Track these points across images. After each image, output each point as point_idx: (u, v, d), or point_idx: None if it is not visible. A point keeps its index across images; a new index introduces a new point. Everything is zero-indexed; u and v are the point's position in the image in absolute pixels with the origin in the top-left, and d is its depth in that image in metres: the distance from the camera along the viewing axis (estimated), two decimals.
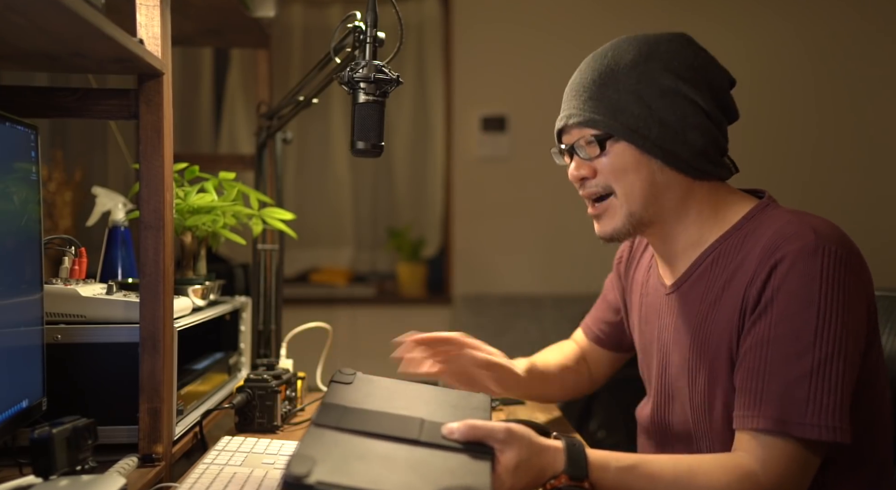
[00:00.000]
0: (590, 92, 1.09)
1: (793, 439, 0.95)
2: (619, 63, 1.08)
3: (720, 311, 1.05)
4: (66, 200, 2.46)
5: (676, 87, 1.06)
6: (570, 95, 1.12)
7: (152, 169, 1.07)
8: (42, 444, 0.87)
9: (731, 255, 1.07)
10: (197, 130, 3.41)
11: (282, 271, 1.73)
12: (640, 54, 1.08)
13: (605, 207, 1.11)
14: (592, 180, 1.11)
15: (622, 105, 1.07)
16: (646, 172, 1.07)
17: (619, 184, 1.09)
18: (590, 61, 1.12)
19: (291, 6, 3.39)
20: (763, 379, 0.97)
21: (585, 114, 1.09)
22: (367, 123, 1.13)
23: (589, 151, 1.09)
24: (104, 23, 0.86)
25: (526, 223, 3.39)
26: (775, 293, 0.98)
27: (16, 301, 0.96)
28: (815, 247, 0.97)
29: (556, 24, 3.37)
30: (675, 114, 1.06)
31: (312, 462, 0.80)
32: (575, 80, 1.13)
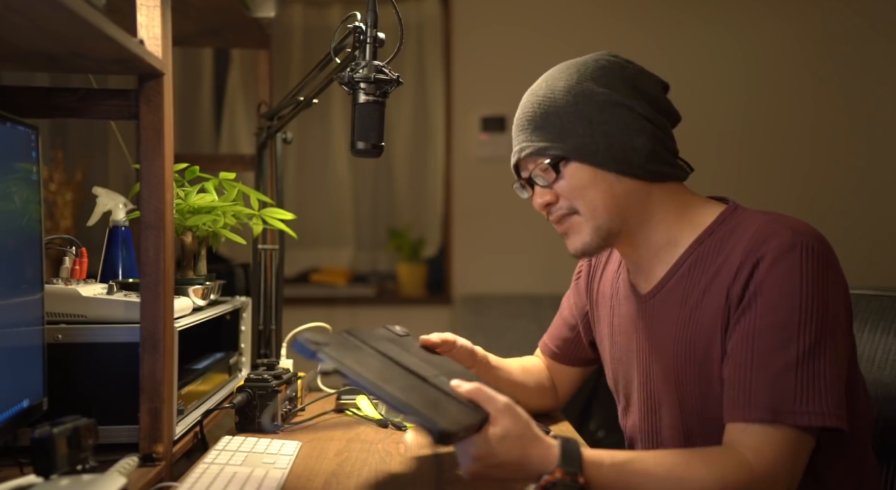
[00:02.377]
0: (534, 123, 1.13)
1: (785, 427, 0.96)
2: (555, 90, 1.12)
3: (704, 313, 1.07)
4: (67, 200, 2.47)
5: (612, 99, 1.10)
6: (517, 131, 1.16)
7: (153, 169, 1.07)
8: (43, 443, 0.88)
9: (709, 258, 1.09)
10: (197, 130, 3.41)
11: (282, 271, 1.73)
12: (571, 78, 1.12)
13: (570, 224, 1.14)
14: (556, 204, 1.14)
15: (566, 128, 1.10)
16: (603, 185, 1.10)
17: (581, 201, 1.11)
18: (528, 97, 1.16)
19: (291, 6, 3.39)
20: (751, 371, 0.99)
21: (534, 144, 1.12)
22: (367, 123, 1.13)
23: (546, 178, 1.13)
24: (104, 23, 0.86)
25: (526, 223, 3.39)
26: (758, 288, 1.01)
27: (16, 301, 0.96)
28: (793, 243, 1.01)
29: (556, 24, 3.37)
30: (616, 124, 1.09)
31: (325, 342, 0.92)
32: (518, 116, 1.16)
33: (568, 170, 1.11)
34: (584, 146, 1.09)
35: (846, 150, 3.42)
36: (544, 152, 1.11)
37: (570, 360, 1.40)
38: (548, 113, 1.12)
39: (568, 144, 1.10)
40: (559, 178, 1.11)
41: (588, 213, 1.11)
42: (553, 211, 1.15)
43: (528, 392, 1.38)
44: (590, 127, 1.09)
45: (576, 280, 1.39)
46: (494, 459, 0.92)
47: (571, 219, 1.13)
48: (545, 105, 1.12)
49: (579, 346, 1.38)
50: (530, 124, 1.13)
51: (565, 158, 1.10)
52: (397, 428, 1.35)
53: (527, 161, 1.15)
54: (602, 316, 1.29)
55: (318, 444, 1.26)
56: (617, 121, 1.09)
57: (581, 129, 1.09)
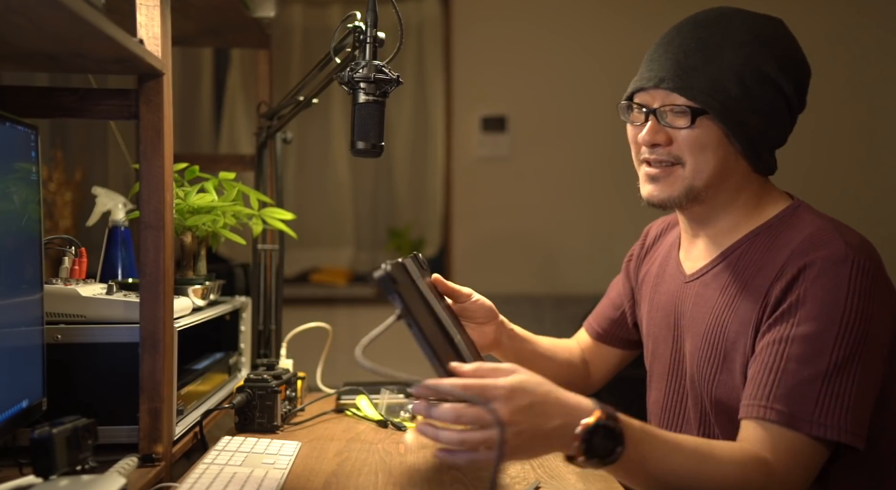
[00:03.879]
0: (691, 59, 1.05)
1: (800, 434, 0.96)
2: (728, 38, 1.05)
3: (740, 307, 1.06)
4: (67, 200, 2.47)
5: (777, 78, 1.05)
6: (664, 55, 1.08)
7: (152, 169, 1.07)
8: (42, 444, 0.87)
9: (758, 252, 1.08)
10: (197, 130, 3.41)
11: (282, 271, 1.73)
12: (749, 34, 1.05)
13: (668, 173, 1.09)
14: (663, 148, 1.08)
15: (723, 83, 1.04)
16: (722, 153, 1.06)
17: (694, 158, 1.06)
18: (693, 27, 1.08)
19: (291, 6, 3.39)
20: (776, 374, 0.97)
21: (683, 81, 1.05)
22: (367, 123, 1.13)
23: (674, 120, 1.06)
24: (104, 23, 0.86)
25: (526, 223, 3.39)
26: (802, 296, 0.98)
27: (16, 301, 0.96)
28: (845, 256, 0.98)
29: (557, 23, 3.37)
30: (768, 106, 1.05)
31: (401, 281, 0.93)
32: (673, 41, 1.08)
33: (703, 124, 1.05)
34: (732, 111, 1.04)
35: (847, 149, 3.42)
36: (690, 94, 1.04)
37: (613, 340, 1.40)
38: (711, 58, 1.04)
39: (717, 101, 1.03)
40: (689, 128, 1.05)
41: (693, 171, 1.07)
42: (657, 151, 1.08)
43: (556, 365, 1.37)
44: (745, 95, 1.04)
45: (627, 263, 1.39)
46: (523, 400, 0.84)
47: (672, 169, 1.08)
48: (711, 47, 1.05)
49: (623, 326, 1.38)
50: (686, 57, 1.05)
51: (708, 113, 1.04)
52: (397, 428, 1.35)
53: (659, 91, 1.07)
54: (645, 294, 1.30)
55: (318, 444, 1.26)
56: (770, 103, 1.05)
57: (735, 93, 1.03)
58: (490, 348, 1.31)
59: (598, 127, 3.21)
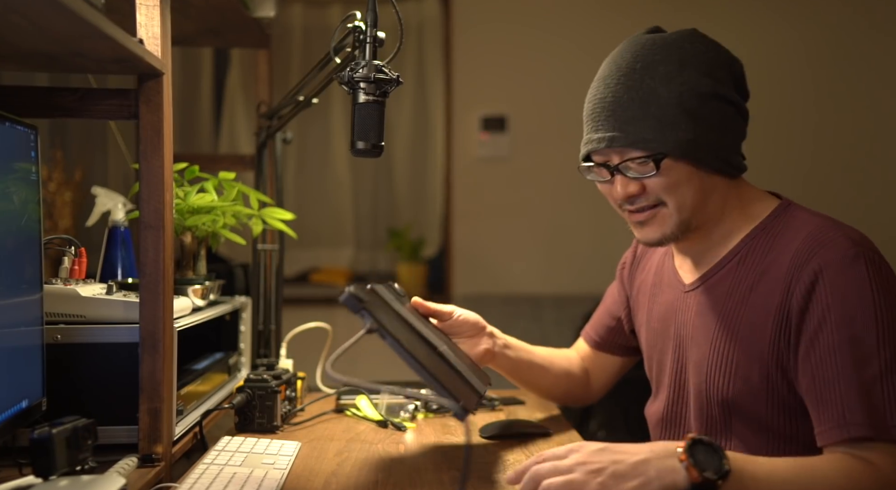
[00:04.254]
0: (630, 111, 1.05)
1: (887, 443, 0.94)
2: (654, 77, 1.04)
3: (749, 312, 1.06)
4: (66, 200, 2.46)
5: (714, 91, 1.05)
6: (603, 114, 1.08)
7: (152, 169, 1.07)
8: (42, 444, 0.87)
9: (759, 254, 1.08)
10: (197, 130, 3.41)
11: (282, 271, 1.73)
12: (671, 63, 1.05)
13: (654, 214, 1.09)
14: (640, 197, 1.08)
15: (669, 121, 1.04)
16: (697, 182, 1.07)
17: (672, 197, 1.07)
18: (617, 76, 1.07)
19: (291, 6, 3.39)
20: (838, 388, 0.96)
21: (632, 135, 1.05)
22: (367, 123, 1.13)
23: (639, 171, 1.06)
24: (104, 23, 0.86)
25: (526, 223, 3.39)
26: (828, 302, 0.98)
27: (16, 301, 0.96)
28: (856, 254, 0.99)
29: (556, 23, 3.36)
30: (717, 119, 1.05)
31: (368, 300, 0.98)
32: (605, 97, 1.08)
33: (668, 165, 1.05)
34: (688, 144, 1.04)
35: (848, 149, 3.41)
36: (645, 146, 1.04)
37: (611, 348, 1.40)
38: (647, 102, 1.04)
39: (671, 141, 1.03)
40: (656, 175, 1.05)
41: (676, 207, 1.07)
42: (636, 202, 1.09)
43: (553, 376, 1.38)
44: (693, 122, 1.03)
45: (620, 270, 1.39)
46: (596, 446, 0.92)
47: (656, 210, 1.09)
48: (644, 92, 1.04)
49: (621, 333, 1.38)
50: (625, 111, 1.05)
51: (668, 155, 1.04)
52: (397, 428, 1.35)
53: (614, 151, 1.07)
54: (641, 303, 1.30)
55: (318, 444, 1.26)
56: (718, 115, 1.05)
57: (684, 125, 1.03)
58: (485, 360, 1.31)
59: None
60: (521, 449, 1.24)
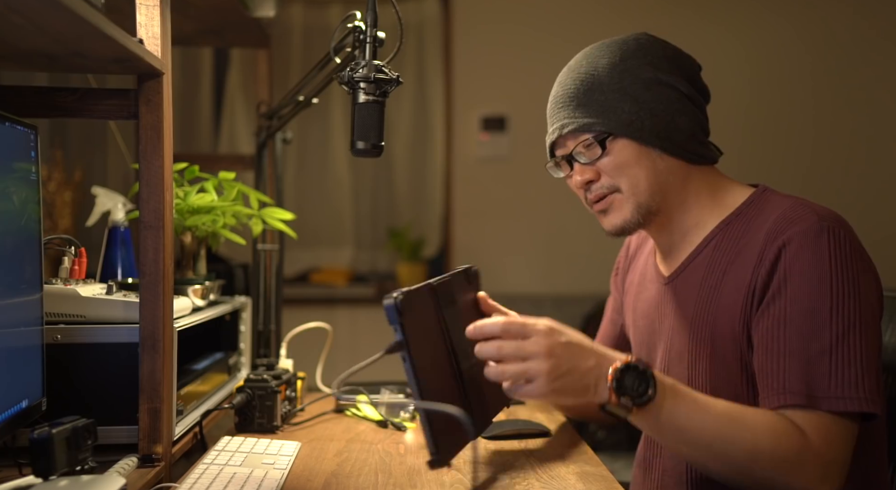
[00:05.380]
0: (577, 100, 1.12)
1: (822, 413, 0.96)
2: (597, 67, 1.12)
3: (723, 295, 1.07)
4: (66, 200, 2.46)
5: (657, 77, 1.10)
6: (556, 108, 1.15)
7: (152, 169, 1.07)
8: (42, 444, 0.87)
9: (734, 239, 1.10)
10: (197, 130, 3.40)
11: (282, 271, 1.73)
12: (614, 55, 1.12)
13: (611, 201, 1.13)
14: (597, 183, 1.13)
15: (611, 104, 1.10)
16: (647, 163, 1.10)
17: (624, 178, 1.11)
18: (567, 74, 1.15)
19: (291, 6, 3.39)
20: (784, 358, 0.98)
21: (578, 120, 1.11)
22: (367, 123, 1.13)
23: (589, 155, 1.12)
24: (104, 23, 0.86)
25: (526, 223, 3.39)
26: (787, 273, 1.00)
27: (15, 301, 0.96)
28: (820, 227, 1.00)
29: (557, 24, 3.36)
30: (661, 102, 1.10)
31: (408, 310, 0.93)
32: (557, 93, 1.16)
33: (614, 146, 1.10)
34: (631, 123, 1.09)
35: (847, 149, 3.41)
36: (589, 128, 1.11)
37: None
38: (591, 89, 1.11)
39: (613, 121, 1.09)
40: (604, 155, 1.11)
41: (630, 190, 1.11)
42: (593, 189, 1.14)
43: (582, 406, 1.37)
44: (635, 104, 1.09)
45: (614, 277, 1.41)
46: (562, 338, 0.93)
47: (612, 196, 1.13)
48: (588, 81, 1.12)
49: (627, 342, 1.38)
50: (572, 101, 1.12)
51: (611, 134, 1.10)
52: (397, 428, 1.35)
53: (567, 138, 1.14)
54: (628, 303, 1.31)
55: (318, 444, 1.26)
56: (661, 99, 1.10)
57: (627, 106, 1.09)
58: None
59: None
60: (522, 449, 1.24)
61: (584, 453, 1.22)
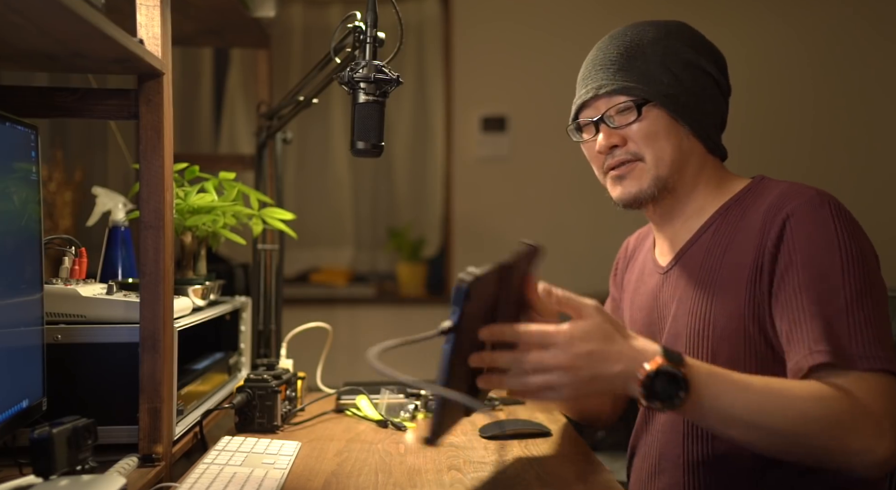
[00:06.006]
0: (618, 64, 1.13)
1: (861, 371, 0.94)
2: (643, 39, 1.14)
3: (724, 275, 1.08)
4: (67, 200, 2.46)
5: (696, 60, 1.13)
6: (594, 70, 1.16)
7: (152, 169, 1.07)
8: (42, 444, 0.87)
9: (732, 222, 1.11)
10: (197, 130, 3.41)
11: (282, 271, 1.73)
12: (659, 32, 1.15)
13: (631, 169, 1.13)
14: (620, 148, 1.13)
15: (652, 74, 1.12)
16: (675, 138, 1.12)
17: (651, 149, 1.12)
18: (609, 41, 1.17)
19: (291, 6, 3.39)
20: (805, 323, 0.98)
21: (618, 82, 1.12)
22: (367, 123, 1.13)
23: (621, 119, 1.12)
24: (104, 23, 0.86)
25: (526, 223, 3.39)
26: (794, 244, 1.01)
27: (16, 301, 0.96)
28: (821, 199, 1.03)
29: (556, 24, 3.37)
30: (696, 84, 1.12)
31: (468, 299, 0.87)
32: (597, 57, 1.17)
33: (649, 113, 1.11)
34: (668, 95, 1.11)
35: (847, 149, 3.42)
36: (629, 91, 1.11)
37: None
38: (634, 57, 1.13)
39: (654, 89, 1.11)
40: (637, 120, 1.11)
41: (654, 160, 1.12)
42: (616, 154, 1.13)
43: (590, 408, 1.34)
44: (675, 79, 1.11)
45: (612, 277, 1.40)
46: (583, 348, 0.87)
47: (634, 164, 1.13)
48: (632, 49, 1.13)
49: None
50: (613, 64, 1.14)
51: (648, 101, 1.11)
52: (397, 428, 1.35)
53: (601, 99, 1.14)
54: (626, 300, 1.31)
55: (318, 444, 1.26)
56: (698, 82, 1.12)
57: (666, 79, 1.11)
58: None
59: None
60: (522, 449, 1.24)
61: (584, 453, 1.22)
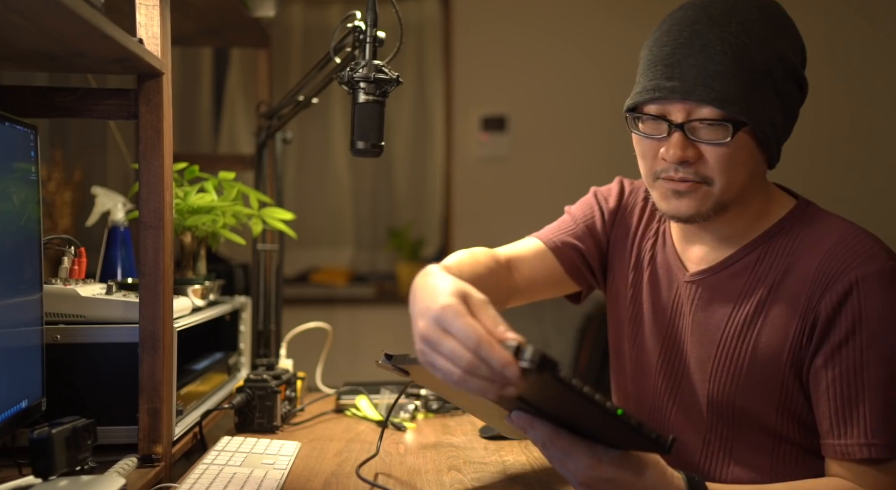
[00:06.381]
0: (720, 65, 0.92)
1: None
2: (751, 34, 0.93)
3: (770, 318, 1.00)
4: (66, 200, 2.46)
5: (796, 72, 0.97)
6: (686, 61, 0.94)
7: (152, 169, 1.07)
8: (41, 444, 0.88)
9: (780, 255, 1.02)
10: (197, 130, 3.41)
11: (282, 271, 1.73)
12: (767, 26, 0.94)
13: (694, 189, 0.98)
14: (690, 166, 0.96)
15: (756, 89, 0.93)
16: (751, 165, 0.98)
17: (726, 176, 0.96)
18: (708, 23, 0.94)
19: (291, 6, 3.39)
20: (863, 405, 0.93)
21: (718, 91, 0.92)
22: (367, 123, 1.13)
23: (708, 135, 0.94)
24: (104, 23, 0.86)
25: (526, 223, 3.38)
26: (860, 317, 0.94)
27: (15, 301, 0.96)
28: (893, 269, 0.94)
29: (556, 24, 3.37)
30: (790, 101, 0.98)
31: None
32: (691, 43, 0.94)
33: (739, 139, 0.94)
34: (767, 119, 0.94)
35: (847, 148, 3.42)
36: (728, 108, 0.92)
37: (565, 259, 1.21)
38: (741, 61, 0.92)
39: (756, 111, 0.93)
40: (725, 145, 0.94)
41: (723, 188, 0.97)
42: (682, 170, 0.97)
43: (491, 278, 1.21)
44: (776, 96, 0.95)
45: (599, 205, 1.23)
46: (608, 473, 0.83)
47: (699, 186, 0.97)
48: (739, 49, 0.92)
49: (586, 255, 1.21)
50: (713, 64, 0.92)
51: (749, 125, 0.93)
52: (397, 428, 1.35)
53: (687, 105, 0.94)
54: (619, 271, 1.20)
55: (318, 444, 1.26)
56: (791, 97, 0.97)
57: (767, 98, 0.94)
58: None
59: (598, 127, 3.20)
60: (522, 449, 1.24)
61: None
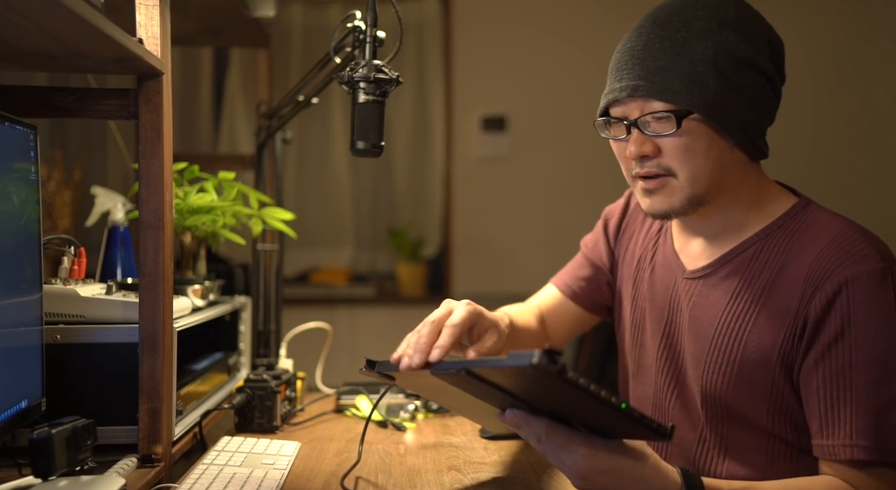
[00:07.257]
0: (660, 61, 0.97)
1: (890, 467, 0.93)
2: (691, 31, 0.98)
3: (761, 316, 1.01)
4: (66, 200, 2.46)
5: (752, 58, 0.98)
6: (630, 62, 1.00)
7: (152, 169, 1.07)
8: (41, 444, 0.88)
9: (775, 253, 1.02)
10: (197, 130, 3.41)
11: (282, 271, 1.73)
12: (711, 20, 0.98)
13: (662, 184, 1.01)
14: (652, 160, 1.00)
15: (700, 78, 0.96)
16: (716, 153, 0.99)
17: (686, 166, 0.99)
18: (651, 27, 1.00)
19: (291, 6, 3.39)
20: (851, 406, 0.93)
21: (657, 84, 0.97)
22: (367, 123, 1.13)
23: (658, 128, 0.98)
24: (104, 22, 0.86)
25: (526, 223, 3.39)
26: (850, 318, 0.94)
27: (15, 301, 0.96)
28: (885, 270, 0.94)
29: (556, 24, 3.37)
30: (749, 89, 0.99)
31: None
32: (635, 45, 1.00)
33: (690, 127, 0.97)
34: (716, 105, 0.96)
35: (847, 148, 3.42)
36: (668, 97, 0.96)
37: (585, 301, 1.33)
38: (679, 54, 0.96)
39: (699, 98, 0.96)
40: (675, 134, 0.97)
41: (689, 179, 0.99)
42: (645, 165, 1.01)
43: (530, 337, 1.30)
44: (725, 85, 0.96)
45: (604, 227, 1.33)
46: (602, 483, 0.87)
47: (665, 179, 1.01)
48: (678, 43, 0.97)
49: (597, 287, 1.31)
50: (653, 59, 0.97)
51: (693, 113, 0.96)
52: (397, 428, 1.35)
53: (636, 101, 0.99)
54: (626, 273, 1.24)
55: (318, 444, 1.26)
56: (751, 85, 0.98)
57: (715, 85, 0.96)
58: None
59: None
60: (522, 449, 1.24)
61: None
